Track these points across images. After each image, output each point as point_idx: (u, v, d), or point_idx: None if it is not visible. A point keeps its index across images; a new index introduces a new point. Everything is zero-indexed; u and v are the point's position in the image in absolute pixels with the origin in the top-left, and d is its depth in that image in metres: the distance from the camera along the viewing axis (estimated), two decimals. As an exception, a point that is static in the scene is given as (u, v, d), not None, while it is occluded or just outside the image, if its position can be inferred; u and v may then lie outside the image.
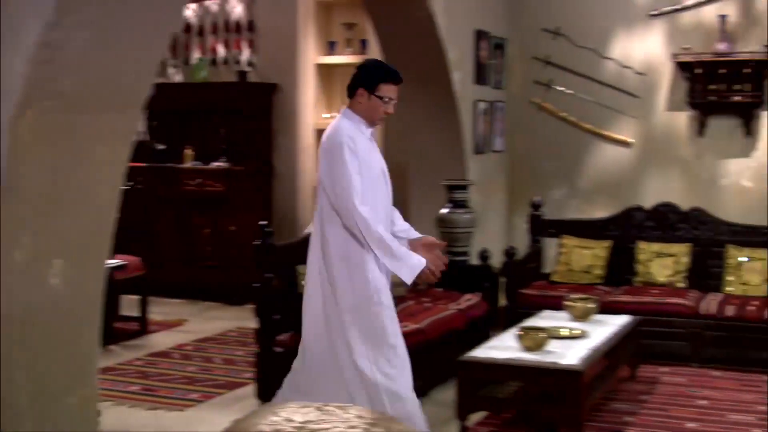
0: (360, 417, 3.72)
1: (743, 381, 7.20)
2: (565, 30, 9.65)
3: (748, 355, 7.49)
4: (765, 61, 8.95)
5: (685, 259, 8.28)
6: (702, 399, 6.76)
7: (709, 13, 9.22)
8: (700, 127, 9.28)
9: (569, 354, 5.87)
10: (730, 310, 7.57)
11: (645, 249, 8.40)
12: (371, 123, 5.26)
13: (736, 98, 9.06)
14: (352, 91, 5.24)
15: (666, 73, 9.41)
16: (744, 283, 8.03)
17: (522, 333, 5.99)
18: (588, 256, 8.52)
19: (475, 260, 8.18)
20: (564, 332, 6.42)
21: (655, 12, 9.41)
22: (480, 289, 7.80)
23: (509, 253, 8.07)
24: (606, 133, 9.62)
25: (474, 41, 9.10)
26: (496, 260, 8.15)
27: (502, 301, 8.06)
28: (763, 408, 6.52)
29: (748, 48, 9.04)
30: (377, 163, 5.24)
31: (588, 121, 9.67)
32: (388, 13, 8.40)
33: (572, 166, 9.76)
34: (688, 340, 7.63)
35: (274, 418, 3.52)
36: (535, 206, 8.81)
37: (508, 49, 9.77)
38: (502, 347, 6.08)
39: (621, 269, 8.45)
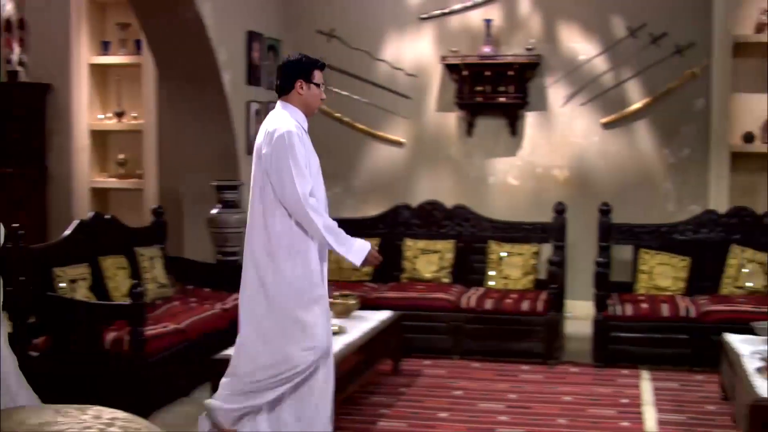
0: (96, 417, 3.72)
1: (499, 371, 7.51)
2: (339, 32, 9.79)
3: (506, 346, 7.82)
4: (527, 64, 9.32)
5: (449, 255, 8.56)
6: (458, 389, 7.00)
7: (476, 17, 9.54)
8: (469, 127, 9.58)
9: (323, 349, 5.98)
10: (488, 304, 7.88)
11: (411, 246, 8.64)
12: (311, 112, 5.35)
13: (502, 99, 9.39)
14: (289, 86, 5.26)
15: (436, 75, 9.67)
16: (505, 277, 8.36)
17: (276, 330, 6.06)
18: (355, 254, 8.67)
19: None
20: (322, 328, 6.54)
21: (425, 15, 9.66)
22: (249, 289, 7.84)
23: (278, 252, 8.14)
24: (379, 133, 9.81)
25: (246, 42, 9.13)
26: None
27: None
28: (514, 396, 6.82)
29: (512, 51, 9.39)
30: (316, 157, 5.31)
31: (362, 122, 9.84)
32: (156, 13, 8.34)
33: (347, 166, 9.91)
34: (449, 333, 7.89)
35: (7, 423, 3.49)
36: (305, 206, 8.93)
37: (283, 51, 9.85)
38: (258, 345, 6.14)
39: (389, 266, 8.64)
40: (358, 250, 5.25)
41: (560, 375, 7.42)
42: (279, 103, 5.31)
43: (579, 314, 8.74)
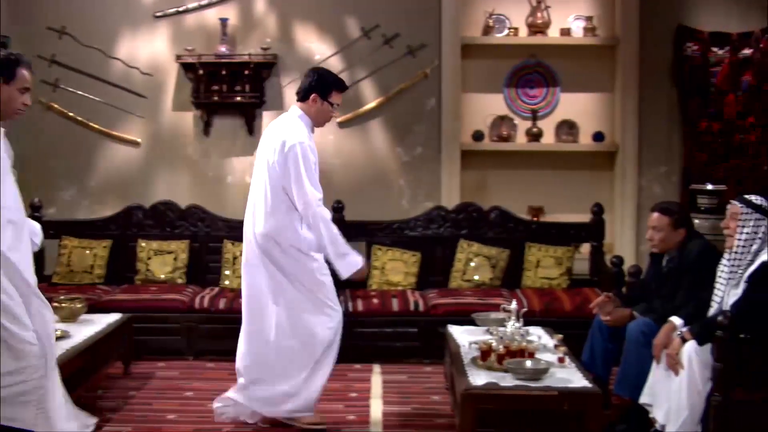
0: None
1: (232, 371, 7.34)
2: (71, 29, 9.51)
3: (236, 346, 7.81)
4: (263, 63, 9.34)
5: (183, 256, 8.50)
6: (189, 390, 6.97)
7: (211, 15, 9.48)
8: (206, 127, 9.50)
9: (42, 356, 5.81)
10: (222, 303, 7.87)
11: (145, 247, 8.53)
12: (318, 125, 5.96)
13: (238, 98, 9.36)
14: (305, 95, 5.89)
15: (172, 74, 9.54)
16: (239, 277, 8.27)
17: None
18: (89, 257, 8.50)
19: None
20: (44, 334, 6.36)
21: (160, 13, 9.53)
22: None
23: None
24: (115, 133, 9.60)
25: (-32, 39, 8.78)
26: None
27: None
28: (244, 394, 6.82)
29: (248, 50, 9.38)
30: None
31: (97, 122, 9.58)
32: None
33: (82, 167, 9.63)
34: (183, 334, 7.84)
35: None
36: (34, 208, 8.66)
37: (11, 48, 9.49)
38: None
39: (123, 268, 8.53)
40: (349, 263, 5.89)
41: (293, 372, 7.48)
42: (295, 109, 5.96)
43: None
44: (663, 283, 6.28)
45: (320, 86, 5.87)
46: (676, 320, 5.77)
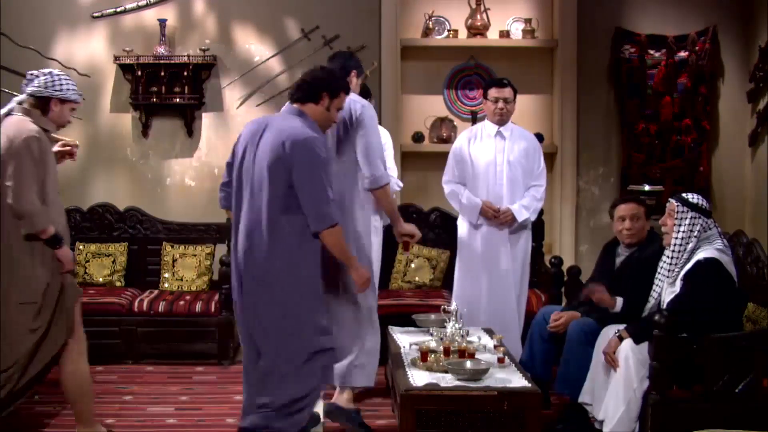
0: None
1: (172, 374, 7.48)
2: (6, 29, 9.39)
3: (180, 348, 7.81)
4: (202, 64, 9.27)
5: (122, 259, 8.42)
6: (128, 394, 6.93)
7: (150, 16, 9.41)
8: (144, 128, 9.43)
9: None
10: (162, 306, 7.82)
11: (83, 250, 8.43)
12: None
13: (177, 100, 9.30)
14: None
15: (110, 75, 9.45)
16: (180, 279, 8.31)
17: None
18: (25, 260, 8.38)
19: None
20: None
21: (98, 14, 9.44)
22: None
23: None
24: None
25: None
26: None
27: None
28: (185, 398, 6.81)
29: (187, 51, 9.32)
30: None
31: (33, 123, 9.47)
32: None
33: (18, 169, 9.52)
34: (122, 338, 7.78)
35: None
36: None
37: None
38: None
39: (60, 271, 8.42)
40: None
41: (234, 375, 7.44)
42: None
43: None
44: (618, 278, 6.29)
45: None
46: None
